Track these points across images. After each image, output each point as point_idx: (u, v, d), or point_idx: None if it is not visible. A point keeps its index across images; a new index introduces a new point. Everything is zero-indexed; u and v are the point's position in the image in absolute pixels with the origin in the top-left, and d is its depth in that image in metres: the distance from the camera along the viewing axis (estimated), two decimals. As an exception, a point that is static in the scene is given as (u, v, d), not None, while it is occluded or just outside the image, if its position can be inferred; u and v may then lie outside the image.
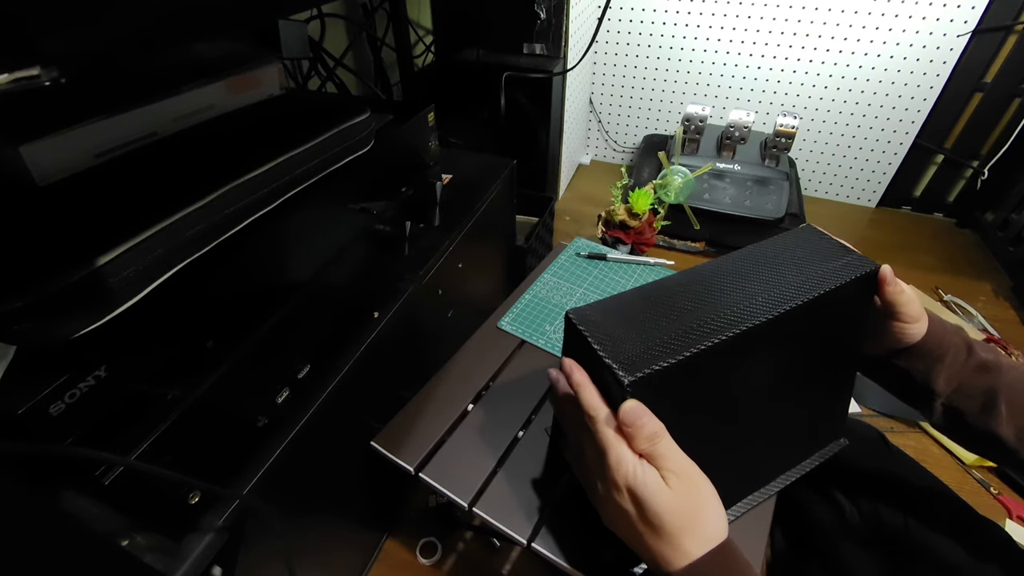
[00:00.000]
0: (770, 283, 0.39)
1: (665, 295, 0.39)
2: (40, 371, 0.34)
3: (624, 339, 0.35)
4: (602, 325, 0.36)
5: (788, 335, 0.39)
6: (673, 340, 0.34)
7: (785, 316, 0.37)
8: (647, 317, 0.37)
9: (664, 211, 1.11)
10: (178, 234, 0.39)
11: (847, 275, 0.39)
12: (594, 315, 0.37)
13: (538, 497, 0.46)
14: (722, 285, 0.39)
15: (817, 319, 0.39)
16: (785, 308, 0.37)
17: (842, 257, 0.41)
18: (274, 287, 0.52)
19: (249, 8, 0.43)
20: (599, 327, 0.36)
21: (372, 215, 0.62)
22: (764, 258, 0.42)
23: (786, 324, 0.37)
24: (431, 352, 0.63)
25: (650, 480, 0.31)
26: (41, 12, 0.26)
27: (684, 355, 0.33)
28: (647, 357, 0.33)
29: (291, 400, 0.43)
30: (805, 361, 0.42)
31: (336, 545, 0.56)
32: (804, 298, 0.37)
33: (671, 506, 0.31)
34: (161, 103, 0.47)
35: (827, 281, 0.39)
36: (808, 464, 0.48)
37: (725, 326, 0.35)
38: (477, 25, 1.08)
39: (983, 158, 1.24)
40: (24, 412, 0.32)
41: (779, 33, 1.22)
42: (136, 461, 0.36)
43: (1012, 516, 0.72)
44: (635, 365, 0.33)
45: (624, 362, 0.33)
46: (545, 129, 1.13)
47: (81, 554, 0.29)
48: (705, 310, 0.37)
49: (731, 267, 0.41)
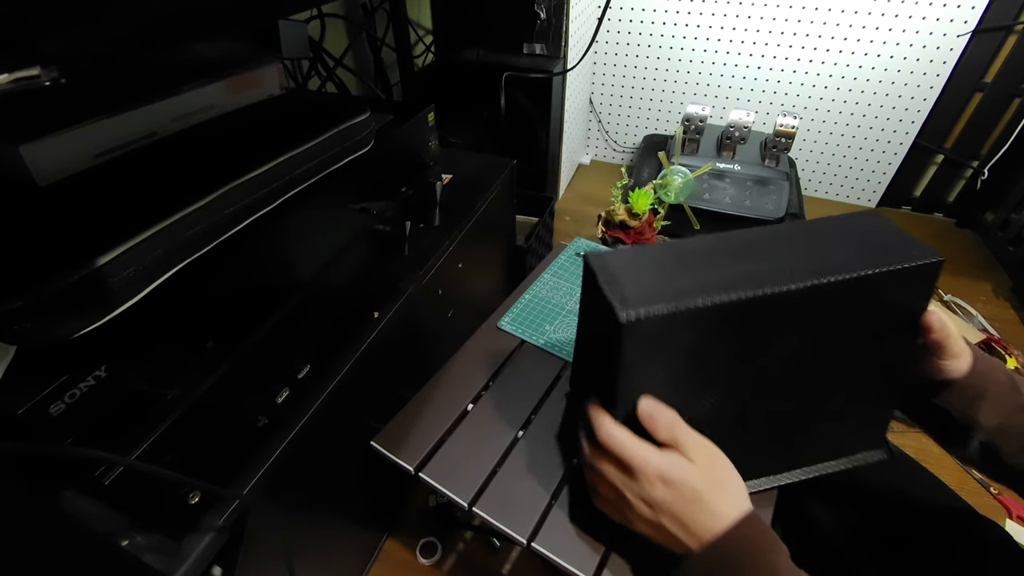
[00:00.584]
0: (810, 255, 0.36)
1: (692, 251, 0.38)
2: (40, 371, 0.34)
3: (634, 284, 0.34)
4: (617, 269, 0.36)
5: (824, 316, 0.36)
6: (685, 292, 0.33)
7: (817, 291, 0.34)
8: (666, 268, 0.36)
9: (664, 211, 1.11)
10: (178, 234, 0.39)
11: (901, 262, 0.35)
12: (612, 260, 0.37)
13: (538, 497, 0.46)
14: (756, 250, 0.37)
15: (861, 307, 0.36)
16: (818, 281, 0.34)
17: (900, 243, 0.36)
18: (274, 287, 0.52)
19: (249, 8, 0.43)
20: (613, 271, 0.36)
21: (372, 215, 0.62)
22: (811, 231, 0.39)
23: (820, 302, 0.35)
24: (431, 352, 0.63)
25: (676, 461, 0.35)
26: (41, 12, 0.26)
27: (689, 306, 0.33)
28: (650, 301, 0.33)
29: (291, 400, 0.43)
30: (844, 353, 0.39)
31: (336, 545, 0.56)
32: (844, 276, 0.34)
33: (700, 474, 0.35)
34: (161, 103, 0.47)
35: (875, 263, 0.35)
36: (831, 467, 0.46)
37: (742, 287, 0.33)
38: (477, 25, 1.08)
39: (983, 158, 1.24)
40: (24, 412, 0.32)
41: (779, 33, 1.22)
42: (136, 461, 0.36)
43: (1012, 516, 0.72)
44: (635, 306, 0.32)
45: (626, 302, 0.33)
46: (545, 129, 1.13)
47: (81, 554, 0.29)
48: (730, 270, 0.35)
49: (771, 235, 0.39)
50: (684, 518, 0.35)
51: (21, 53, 0.31)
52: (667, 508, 0.35)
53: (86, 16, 0.28)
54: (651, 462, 0.35)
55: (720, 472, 0.36)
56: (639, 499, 0.36)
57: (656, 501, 0.35)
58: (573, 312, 0.66)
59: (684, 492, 0.34)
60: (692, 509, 0.34)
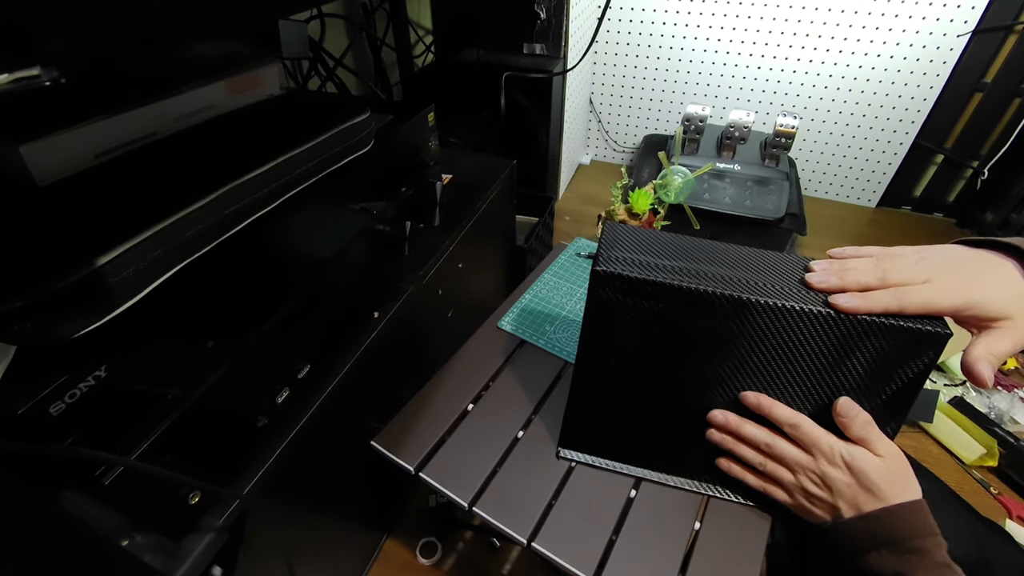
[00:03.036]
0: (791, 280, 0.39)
1: (692, 245, 0.42)
2: (40, 371, 0.34)
3: (625, 252, 0.40)
4: (621, 239, 0.42)
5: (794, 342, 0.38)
6: (661, 271, 0.39)
7: (782, 311, 0.37)
8: (660, 251, 0.41)
9: (664, 211, 1.10)
10: (178, 234, 0.39)
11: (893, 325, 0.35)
12: (623, 232, 0.43)
13: (538, 497, 0.46)
14: (750, 261, 0.41)
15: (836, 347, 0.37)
16: (781, 303, 0.36)
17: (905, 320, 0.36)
18: (274, 287, 0.52)
19: (249, 8, 0.43)
20: (617, 239, 0.42)
21: (372, 215, 0.62)
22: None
23: (784, 324, 0.37)
24: (431, 352, 0.63)
25: (862, 452, 0.38)
26: (41, 12, 0.26)
27: (655, 279, 0.38)
28: (626, 266, 0.39)
29: (291, 400, 0.43)
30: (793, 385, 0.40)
31: (336, 545, 0.56)
32: (812, 307, 0.36)
33: (886, 472, 0.37)
34: (161, 103, 0.47)
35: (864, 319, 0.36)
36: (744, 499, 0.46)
37: (712, 283, 0.38)
38: (477, 25, 1.08)
39: (983, 158, 1.24)
40: (24, 412, 0.32)
41: (779, 33, 1.22)
42: (136, 461, 0.36)
43: (1012, 516, 0.72)
44: (613, 265, 0.39)
45: (608, 261, 0.39)
46: (545, 129, 1.13)
47: (81, 554, 0.29)
48: (714, 268, 0.39)
49: (774, 256, 0.42)
50: (859, 501, 0.38)
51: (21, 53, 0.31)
52: (846, 493, 0.38)
53: (86, 16, 0.28)
54: (836, 446, 0.38)
55: (901, 468, 0.38)
56: (817, 477, 0.39)
57: (835, 482, 0.38)
58: (573, 312, 0.66)
59: (864, 480, 0.37)
60: (867, 497, 0.37)
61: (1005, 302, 0.33)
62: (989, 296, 0.34)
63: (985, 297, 0.34)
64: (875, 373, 0.38)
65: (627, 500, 0.47)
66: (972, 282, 0.34)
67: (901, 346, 0.36)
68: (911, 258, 0.36)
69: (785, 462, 0.41)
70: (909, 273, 0.35)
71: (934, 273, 0.35)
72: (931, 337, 0.35)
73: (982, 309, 0.34)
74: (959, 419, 0.82)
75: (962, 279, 0.35)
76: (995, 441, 0.78)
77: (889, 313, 0.35)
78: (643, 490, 0.48)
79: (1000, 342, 0.34)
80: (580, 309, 0.64)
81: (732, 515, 0.46)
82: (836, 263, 0.38)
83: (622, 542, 0.44)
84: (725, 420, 0.42)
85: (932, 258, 0.36)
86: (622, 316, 0.40)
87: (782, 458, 0.41)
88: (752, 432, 0.42)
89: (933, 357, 0.36)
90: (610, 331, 0.42)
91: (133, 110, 0.45)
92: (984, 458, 0.78)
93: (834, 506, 0.39)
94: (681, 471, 0.47)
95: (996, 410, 0.84)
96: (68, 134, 0.40)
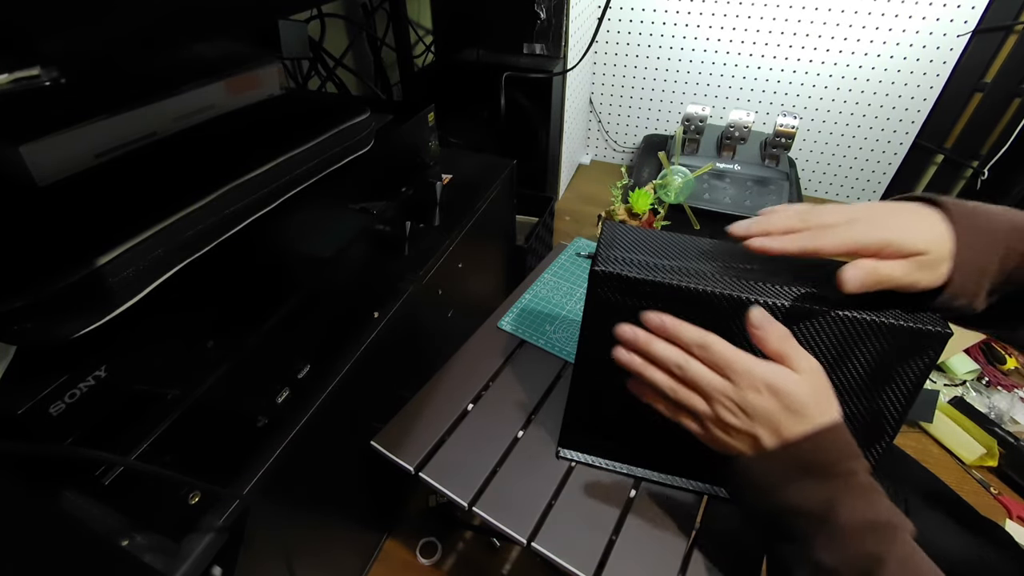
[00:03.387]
0: (791, 279, 0.38)
1: (692, 245, 0.42)
2: (40, 371, 0.34)
3: (623, 252, 0.41)
4: (620, 238, 0.42)
5: None
6: (661, 270, 0.38)
7: (782, 311, 0.37)
8: (660, 251, 0.41)
9: (664, 211, 1.11)
10: (178, 234, 0.39)
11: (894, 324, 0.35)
12: (622, 231, 0.44)
13: (538, 497, 0.46)
14: (750, 261, 0.41)
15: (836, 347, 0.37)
16: (780, 302, 0.36)
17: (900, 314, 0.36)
18: (274, 287, 0.52)
19: (249, 8, 0.43)
20: (616, 238, 0.42)
21: (372, 215, 0.62)
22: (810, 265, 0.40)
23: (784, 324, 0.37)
24: (431, 352, 0.63)
25: (783, 371, 0.35)
26: (41, 12, 0.26)
27: (654, 278, 0.38)
28: (625, 266, 0.39)
29: (291, 400, 0.43)
30: None
31: (336, 545, 0.56)
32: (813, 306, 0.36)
33: (808, 385, 0.34)
34: (161, 103, 0.47)
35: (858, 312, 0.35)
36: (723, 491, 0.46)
37: (712, 283, 0.38)
38: (477, 25, 1.08)
39: (983, 158, 1.24)
40: (24, 412, 0.32)
41: (779, 33, 1.22)
42: (136, 461, 0.36)
43: (1012, 516, 0.72)
44: (612, 265, 0.39)
45: (606, 261, 0.39)
46: (545, 129, 1.13)
47: (81, 554, 0.30)
48: (713, 267, 0.39)
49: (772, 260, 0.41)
50: (782, 427, 0.34)
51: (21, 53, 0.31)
52: (766, 416, 0.35)
53: (86, 16, 0.28)
54: (755, 369, 0.35)
55: (823, 384, 0.35)
56: (734, 405, 0.35)
57: (755, 408, 0.35)
58: (573, 312, 0.66)
59: (788, 402, 0.34)
60: (793, 420, 0.34)
61: (923, 239, 0.33)
62: (908, 233, 0.34)
63: (904, 235, 0.34)
64: (875, 373, 0.38)
65: (627, 500, 0.47)
66: (893, 222, 0.34)
67: (901, 346, 0.36)
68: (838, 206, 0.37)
69: (699, 387, 0.36)
70: (831, 216, 0.35)
71: (856, 214, 0.35)
72: (931, 336, 0.35)
73: (900, 244, 0.33)
74: (959, 419, 0.82)
75: (883, 220, 0.35)
76: (995, 441, 0.78)
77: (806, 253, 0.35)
78: (643, 490, 0.48)
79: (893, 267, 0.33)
80: (580, 309, 0.64)
81: (732, 515, 0.46)
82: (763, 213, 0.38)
83: (622, 542, 0.44)
84: (634, 336, 0.38)
85: (858, 206, 0.36)
86: (621, 316, 0.40)
87: (695, 382, 0.36)
88: (663, 350, 0.37)
89: (933, 357, 0.36)
90: (609, 330, 0.41)
91: (133, 110, 0.45)
92: (984, 458, 0.78)
93: (752, 435, 0.35)
94: (681, 471, 0.47)
95: (996, 410, 0.85)
96: (68, 134, 0.40)
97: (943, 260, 0.33)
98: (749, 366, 0.35)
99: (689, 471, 0.47)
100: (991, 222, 0.34)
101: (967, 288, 0.34)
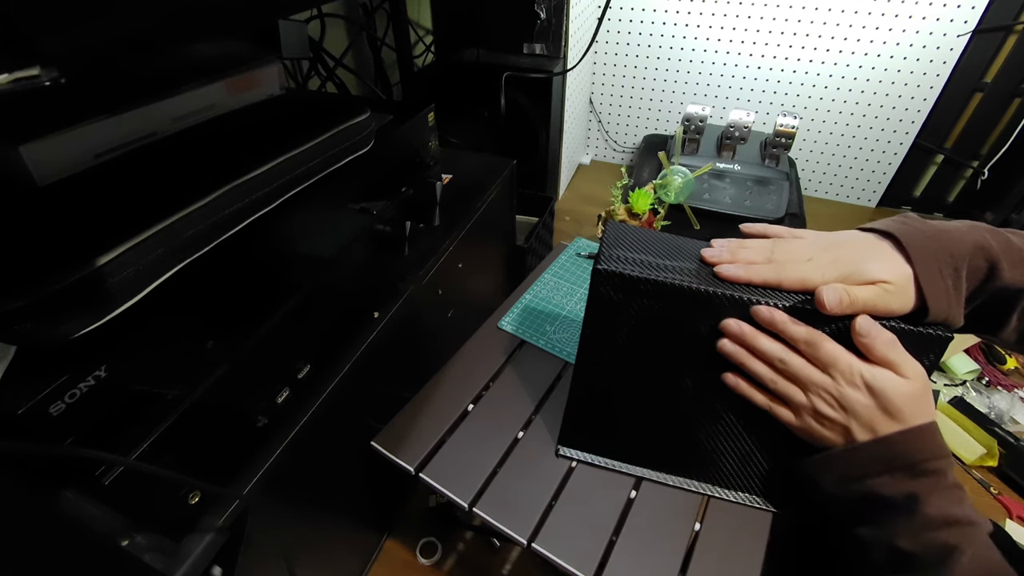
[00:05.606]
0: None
1: (693, 245, 0.43)
2: (40, 371, 0.34)
3: (626, 251, 0.41)
4: (623, 238, 0.43)
5: None
6: (662, 270, 0.39)
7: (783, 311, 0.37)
8: (661, 251, 0.42)
9: (664, 211, 1.10)
10: (178, 234, 0.39)
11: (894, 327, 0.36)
12: (625, 231, 0.44)
13: (538, 497, 0.46)
14: None
15: None
16: (783, 303, 0.37)
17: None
18: (274, 287, 0.52)
19: (249, 8, 0.43)
20: (620, 237, 0.43)
21: (372, 215, 0.62)
22: None
23: None
24: (431, 352, 0.63)
25: (886, 375, 0.36)
26: (41, 12, 0.26)
27: (655, 278, 0.38)
28: (627, 265, 0.39)
29: (291, 400, 0.43)
30: None
31: (336, 545, 0.56)
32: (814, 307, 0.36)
33: (910, 395, 0.35)
34: (161, 103, 0.47)
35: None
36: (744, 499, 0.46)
37: (713, 282, 0.38)
38: (477, 25, 1.08)
39: (983, 158, 1.24)
40: (24, 412, 0.32)
41: (779, 33, 1.22)
42: (136, 461, 0.36)
43: (1012, 516, 0.72)
44: (614, 264, 0.39)
45: (609, 260, 0.40)
46: (545, 129, 1.13)
47: (81, 554, 0.29)
48: (712, 268, 0.40)
49: None
50: (876, 424, 0.36)
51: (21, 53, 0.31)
52: (862, 412, 0.36)
53: (86, 16, 0.28)
54: (856, 366, 0.36)
55: (924, 389, 0.36)
56: (831, 398, 0.37)
57: (852, 403, 0.36)
58: (574, 312, 0.66)
59: (885, 403, 0.35)
60: (887, 421, 0.36)
61: (881, 269, 0.36)
62: (867, 265, 0.37)
63: (863, 267, 0.37)
64: None
65: (627, 500, 0.47)
66: (852, 256, 0.37)
67: None
68: (804, 239, 0.40)
69: (799, 380, 0.38)
70: (794, 252, 0.39)
71: (816, 252, 0.39)
72: (932, 339, 0.36)
73: (860, 275, 0.36)
74: (959, 419, 0.82)
75: (842, 254, 0.38)
76: (995, 441, 0.78)
77: (768, 285, 0.38)
78: (643, 490, 0.48)
79: (864, 290, 0.36)
80: (580, 309, 0.64)
81: (732, 515, 0.46)
82: (734, 242, 0.41)
83: (622, 542, 0.44)
84: (740, 330, 0.39)
85: (821, 240, 0.40)
86: (622, 315, 0.40)
87: (796, 375, 0.38)
88: (767, 345, 0.39)
89: (934, 360, 0.37)
90: (610, 330, 0.42)
91: (133, 110, 0.45)
92: (984, 458, 0.78)
93: (846, 428, 0.37)
94: (681, 471, 0.47)
95: (996, 410, 0.84)
96: (68, 134, 0.40)
97: (906, 287, 0.36)
98: (851, 362, 0.36)
99: (689, 471, 0.47)
100: (951, 244, 0.36)
101: (940, 310, 0.36)
